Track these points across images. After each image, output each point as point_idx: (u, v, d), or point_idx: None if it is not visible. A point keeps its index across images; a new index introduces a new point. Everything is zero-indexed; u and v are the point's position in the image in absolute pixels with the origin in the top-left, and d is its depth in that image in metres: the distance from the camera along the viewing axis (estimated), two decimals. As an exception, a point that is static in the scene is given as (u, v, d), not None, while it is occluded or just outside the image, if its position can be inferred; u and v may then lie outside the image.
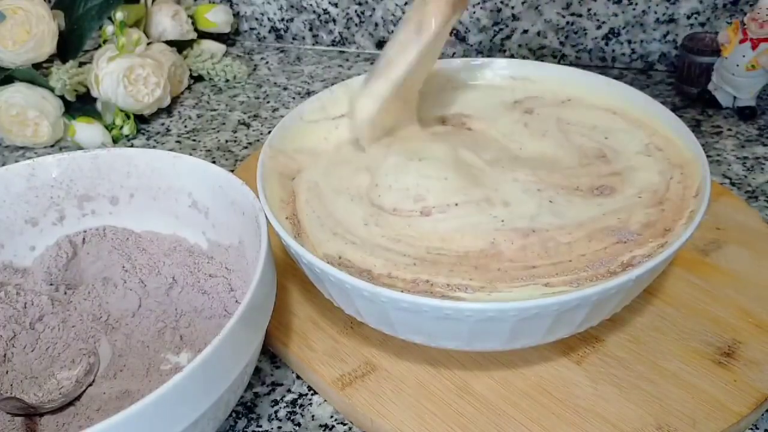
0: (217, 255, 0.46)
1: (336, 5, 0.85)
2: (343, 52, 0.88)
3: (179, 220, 0.47)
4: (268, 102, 0.77)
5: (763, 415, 0.39)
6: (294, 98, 0.78)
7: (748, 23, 0.61)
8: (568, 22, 0.76)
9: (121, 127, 0.70)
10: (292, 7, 0.87)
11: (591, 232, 0.40)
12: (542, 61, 0.72)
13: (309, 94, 0.78)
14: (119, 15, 0.70)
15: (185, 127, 0.73)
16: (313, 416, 0.41)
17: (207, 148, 0.69)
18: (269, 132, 0.57)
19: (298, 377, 0.44)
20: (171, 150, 0.58)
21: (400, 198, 0.43)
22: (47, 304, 0.44)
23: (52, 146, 0.71)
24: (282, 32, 0.90)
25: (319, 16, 0.86)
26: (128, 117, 0.71)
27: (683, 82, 0.71)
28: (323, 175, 0.46)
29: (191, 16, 0.83)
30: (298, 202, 0.44)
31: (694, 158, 0.43)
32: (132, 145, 0.71)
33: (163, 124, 0.74)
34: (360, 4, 0.83)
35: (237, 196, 0.42)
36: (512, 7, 0.77)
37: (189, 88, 0.81)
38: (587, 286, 0.35)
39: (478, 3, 0.78)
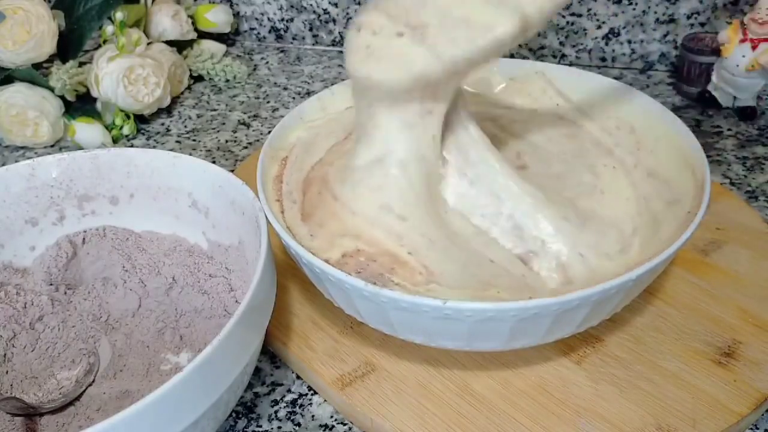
0: (217, 255, 0.46)
1: (336, 5, 0.85)
2: (343, 52, 0.88)
3: (179, 220, 0.47)
4: (268, 102, 0.77)
5: (763, 415, 0.39)
6: (294, 98, 0.78)
7: (748, 23, 0.61)
8: (568, 22, 0.76)
9: (121, 127, 0.70)
10: (292, 7, 0.87)
11: None
12: (542, 60, 0.72)
13: (309, 94, 0.78)
14: (119, 15, 0.70)
15: (185, 127, 0.73)
16: (313, 416, 0.41)
17: (207, 148, 0.69)
18: (269, 132, 0.57)
19: (298, 377, 0.44)
20: (171, 150, 0.58)
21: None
22: (47, 304, 0.44)
23: (52, 146, 0.71)
24: (282, 32, 0.90)
25: (319, 16, 0.86)
26: (128, 117, 0.71)
27: (683, 82, 0.71)
28: (316, 130, 0.49)
29: (191, 16, 0.83)
30: (284, 176, 0.46)
31: (694, 158, 0.43)
32: (132, 145, 0.71)
33: (163, 124, 0.74)
34: (360, 4, 0.83)
35: (237, 196, 0.42)
36: (512, 7, 0.77)
37: (189, 88, 0.81)
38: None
39: (478, 3, 0.78)
